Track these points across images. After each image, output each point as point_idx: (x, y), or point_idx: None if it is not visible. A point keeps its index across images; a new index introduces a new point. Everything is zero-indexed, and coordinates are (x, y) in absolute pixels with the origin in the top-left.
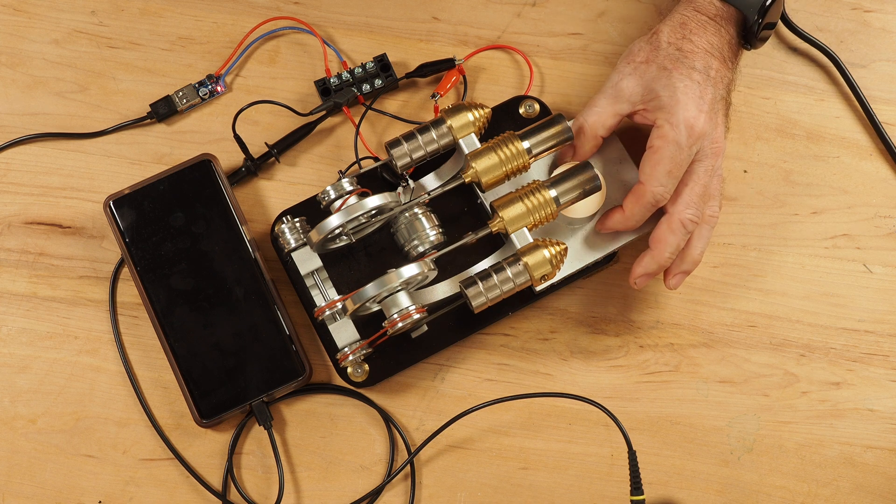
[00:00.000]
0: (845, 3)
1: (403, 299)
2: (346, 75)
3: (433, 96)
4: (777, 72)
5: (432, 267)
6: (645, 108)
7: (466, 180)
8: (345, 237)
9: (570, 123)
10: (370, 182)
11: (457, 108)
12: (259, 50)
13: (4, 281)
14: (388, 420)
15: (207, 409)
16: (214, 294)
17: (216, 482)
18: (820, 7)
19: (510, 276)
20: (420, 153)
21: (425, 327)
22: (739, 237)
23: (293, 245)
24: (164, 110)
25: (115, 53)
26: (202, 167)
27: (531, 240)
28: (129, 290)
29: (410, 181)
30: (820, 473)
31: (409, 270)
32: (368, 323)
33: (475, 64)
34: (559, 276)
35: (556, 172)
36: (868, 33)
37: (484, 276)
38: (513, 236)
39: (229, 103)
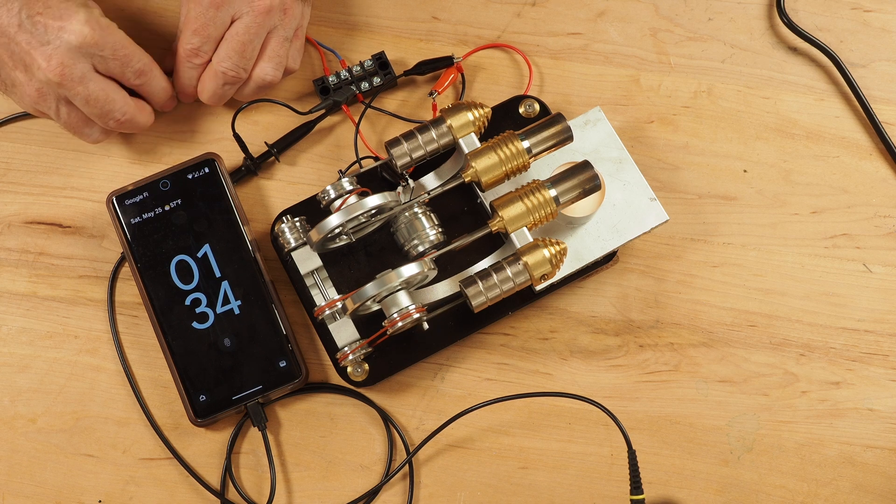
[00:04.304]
0: (845, 3)
1: (403, 299)
2: (344, 74)
3: (431, 94)
4: (777, 71)
5: (432, 266)
6: None
7: (466, 180)
8: (345, 237)
9: None
10: (370, 181)
11: (456, 108)
12: None
13: (4, 280)
14: (386, 419)
15: (202, 409)
16: (214, 293)
17: (215, 481)
18: (820, 7)
19: (510, 275)
20: (420, 153)
21: (425, 325)
22: (739, 237)
23: (293, 244)
24: None
25: None
26: (207, 166)
27: (531, 239)
28: (129, 290)
29: (410, 181)
30: (820, 473)
31: (409, 270)
32: (368, 322)
33: (475, 63)
34: (559, 275)
35: (555, 172)
36: (868, 33)
37: (484, 275)
38: (512, 236)
39: (228, 103)
